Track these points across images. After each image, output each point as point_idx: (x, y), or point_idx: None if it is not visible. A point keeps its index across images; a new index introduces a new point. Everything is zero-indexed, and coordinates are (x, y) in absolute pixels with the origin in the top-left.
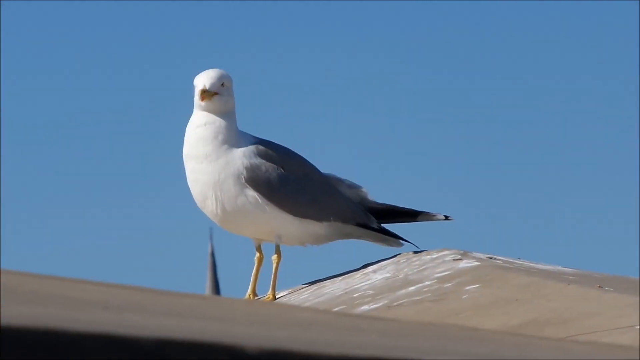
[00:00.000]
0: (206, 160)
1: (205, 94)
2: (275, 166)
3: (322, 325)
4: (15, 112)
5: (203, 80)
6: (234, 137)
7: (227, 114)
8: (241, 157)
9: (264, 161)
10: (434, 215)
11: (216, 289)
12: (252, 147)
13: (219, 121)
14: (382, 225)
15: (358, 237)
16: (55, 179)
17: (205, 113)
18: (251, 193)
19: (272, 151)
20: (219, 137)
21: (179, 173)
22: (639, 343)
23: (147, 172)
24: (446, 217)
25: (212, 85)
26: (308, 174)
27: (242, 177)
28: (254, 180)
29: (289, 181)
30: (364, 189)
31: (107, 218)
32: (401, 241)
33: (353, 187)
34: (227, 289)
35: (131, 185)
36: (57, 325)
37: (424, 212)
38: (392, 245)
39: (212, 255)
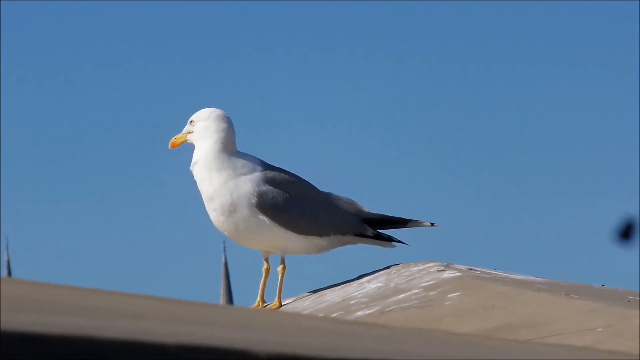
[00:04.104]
0: (217, 183)
1: (173, 140)
2: (281, 191)
3: (323, 331)
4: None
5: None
6: (231, 158)
7: (212, 144)
8: (251, 183)
9: (271, 187)
10: (422, 222)
11: (229, 296)
12: (260, 175)
13: (206, 153)
14: (379, 231)
15: (357, 243)
16: (76, 194)
17: (195, 149)
18: (261, 216)
19: (279, 177)
20: (212, 164)
21: (196, 189)
22: (599, 344)
23: (167, 188)
24: (432, 224)
25: (184, 130)
26: (310, 195)
27: (253, 202)
28: (263, 205)
29: (293, 204)
30: (359, 203)
31: (130, 231)
32: (394, 243)
33: (350, 202)
34: (238, 295)
35: (151, 202)
36: (99, 334)
37: (413, 219)
38: (386, 246)
39: (226, 265)
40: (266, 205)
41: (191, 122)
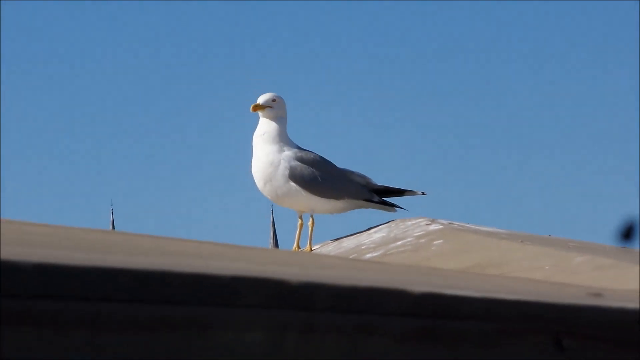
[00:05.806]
0: (261, 158)
1: (256, 106)
2: (307, 166)
3: (342, 267)
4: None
5: (260, 98)
6: (282, 139)
7: (278, 120)
8: (286, 160)
9: (300, 163)
10: (415, 192)
11: (276, 245)
12: (292, 154)
13: (272, 125)
14: (383, 198)
15: (367, 207)
16: (144, 151)
17: (264, 119)
18: (293, 185)
19: (306, 156)
20: (271, 137)
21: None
22: (548, 278)
23: (229, 158)
24: (423, 193)
25: (265, 101)
26: (330, 171)
27: (287, 174)
28: (294, 177)
29: (317, 176)
30: (368, 177)
31: (199, 192)
32: (396, 208)
33: (361, 175)
34: (283, 244)
35: (218, 168)
36: (171, 269)
37: (409, 189)
38: (389, 211)
39: (273, 223)
40: (296, 176)
41: (274, 100)
